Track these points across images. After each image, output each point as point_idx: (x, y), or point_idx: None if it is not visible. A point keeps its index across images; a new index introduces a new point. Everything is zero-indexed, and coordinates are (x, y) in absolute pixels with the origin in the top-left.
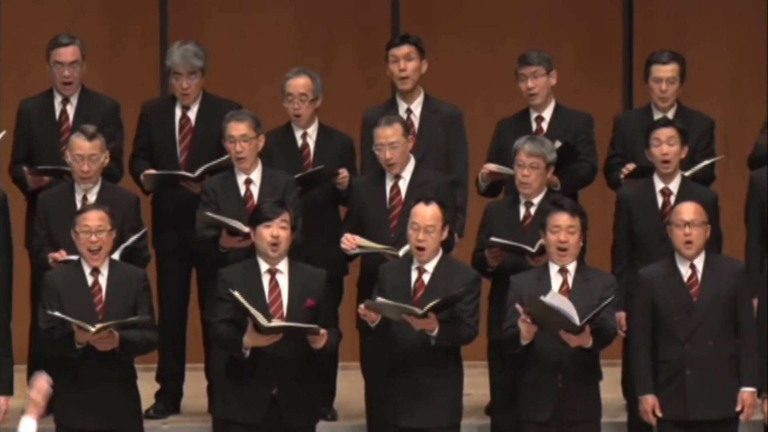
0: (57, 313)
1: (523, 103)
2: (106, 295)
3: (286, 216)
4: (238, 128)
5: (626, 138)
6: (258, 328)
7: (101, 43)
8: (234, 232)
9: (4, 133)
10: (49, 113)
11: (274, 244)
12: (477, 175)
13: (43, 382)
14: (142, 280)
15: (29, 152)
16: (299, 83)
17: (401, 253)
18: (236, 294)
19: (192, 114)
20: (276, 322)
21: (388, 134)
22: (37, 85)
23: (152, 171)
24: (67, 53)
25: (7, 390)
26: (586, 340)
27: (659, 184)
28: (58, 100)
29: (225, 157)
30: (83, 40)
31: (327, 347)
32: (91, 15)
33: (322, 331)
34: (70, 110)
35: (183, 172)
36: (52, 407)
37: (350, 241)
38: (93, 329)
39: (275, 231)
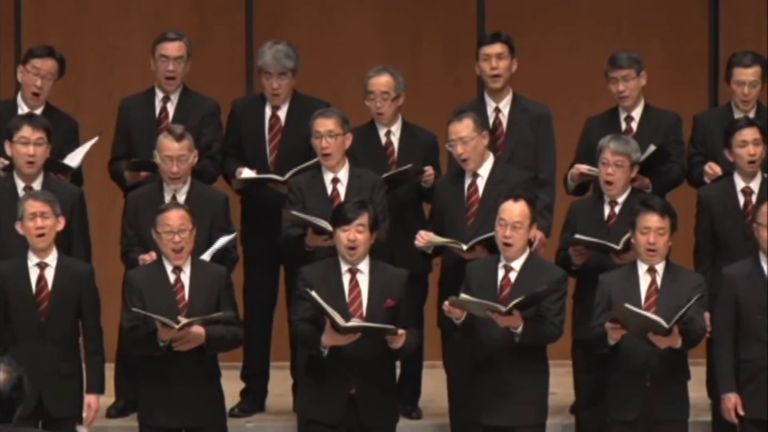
0: (139, 310)
1: (608, 103)
2: (189, 292)
3: (364, 219)
4: (324, 124)
5: (707, 137)
6: (336, 327)
7: None
8: (320, 230)
9: (96, 139)
10: (149, 111)
11: (351, 248)
12: (564, 174)
13: None
14: (224, 278)
15: (128, 149)
16: (381, 81)
17: (465, 247)
18: (313, 293)
19: (282, 113)
20: (354, 322)
21: (459, 129)
22: (121, 84)
23: (243, 174)
24: (173, 48)
25: (98, 388)
26: (675, 341)
27: (740, 183)
28: (158, 98)
29: (314, 160)
30: (190, 39)
31: (406, 347)
32: (177, 13)
33: (401, 331)
34: (170, 108)
35: (272, 176)
36: (136, 405)
37: (423, 238)
38: (177, 326)
39: (352, 235)
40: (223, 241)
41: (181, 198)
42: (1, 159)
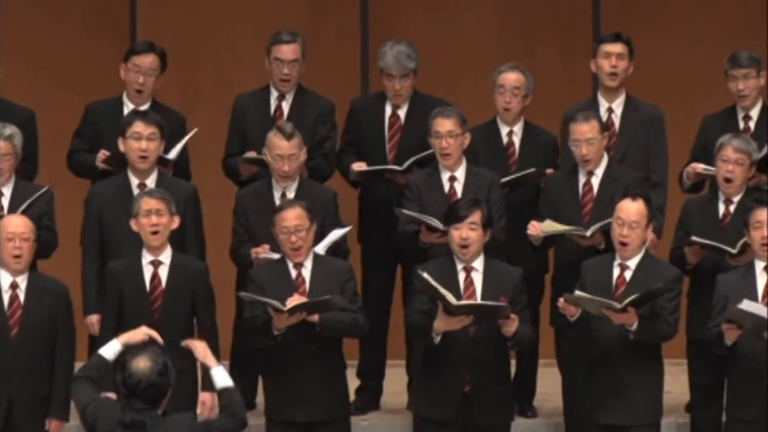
0: (251, 295)
1: (722, 101)
2: (311, 286)
3: (476, 217)
4: (444, 124)
5: None
6: (448, 309)
7: None
8: (432, 228)
9: (194, 131)
10: (264, 109)
11: (463, 246)
12: (679, 172)
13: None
14: (347, 271)
15: (242, 147)
16: (512, 77)
17: (588, 233)
18: (425, 275)
19: (402, 112)
20: (465, 301)
21: (585, 130)
22: (236, 82)
23: (361, 167)
24: (289, 51)
25: (213, 387)
26: None
27: None
28: (273, 96)
29: (431, 151)
30: (305, 39)
31: (519, 336)
32: (293, 11)
33: (513, 315)
34: (285, 107)
35: (390, 166)
36: (250, 403)
37: (536, 227)
38: (285, 308)
39: (464, 233)
40: (337, 234)
41: (291, 195)
42: (103, 151)
